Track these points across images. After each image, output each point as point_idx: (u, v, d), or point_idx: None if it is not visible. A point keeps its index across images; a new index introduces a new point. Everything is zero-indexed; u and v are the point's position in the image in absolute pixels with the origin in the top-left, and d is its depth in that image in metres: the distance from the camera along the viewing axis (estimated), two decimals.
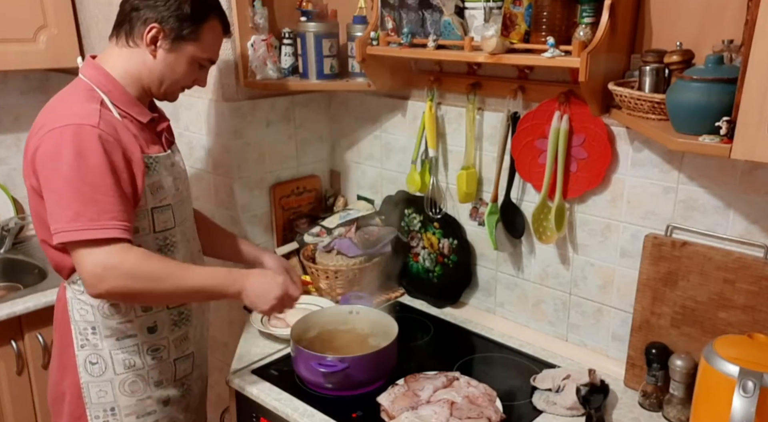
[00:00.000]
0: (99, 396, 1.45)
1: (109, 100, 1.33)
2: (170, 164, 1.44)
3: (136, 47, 1.36)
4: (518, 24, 1.44)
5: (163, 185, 1.40)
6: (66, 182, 1.23)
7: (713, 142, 1.10)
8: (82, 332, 1.43)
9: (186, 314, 1.52)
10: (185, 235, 1.51)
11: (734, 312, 1.35)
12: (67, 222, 1.22)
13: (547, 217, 1.62)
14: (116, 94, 1.35)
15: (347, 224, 1.98)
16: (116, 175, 1.26)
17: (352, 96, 2.05)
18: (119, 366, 1.44)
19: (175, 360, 1.52)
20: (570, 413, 1.42)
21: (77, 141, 1.23)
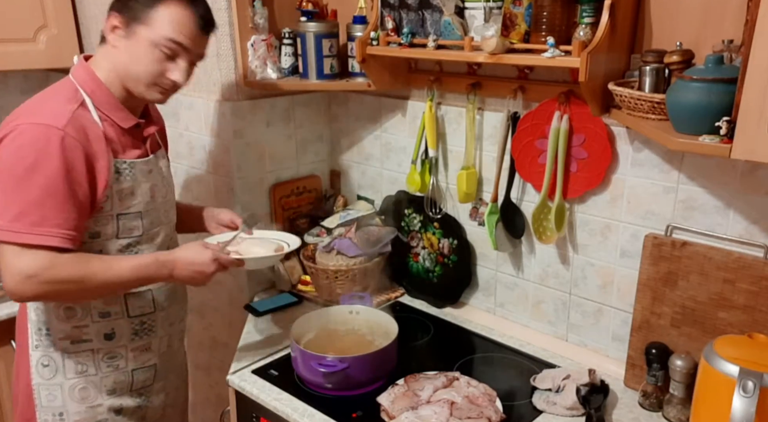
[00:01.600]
0: (49, 400, 1.43)
1: (91, 102, 1.31)
2: (148, 170, 1.41)
3: (109, 43, 1.33)
4: (518, 24, 1.44)
5: (134, 191, 1.37)
6: (17, 181, 1.21)
7: (713, 142, 1.10)
8: (36, 332, 1.41)
9: (149, 324, 1.49)
10: (156, 243, 1.46)
11: (734, 312, 1.35)
12: (8, 221, 1.20)
13: (547, 217, 1.62)
14: (100, 96, 1.33)
15: (347, 224, 1.98)
16: (71, 180, 1.24)
17: (352, 96, 2.05)
18: (70, 370, 1.42)
19: (133, 371, 1.49)
20: (570, 413, 1.42)
21: (38, 142, 1.21)
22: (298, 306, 1.95)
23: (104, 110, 1.33)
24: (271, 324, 1.86)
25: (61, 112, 1.26)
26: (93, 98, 1.32)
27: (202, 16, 1.33)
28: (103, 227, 1.35)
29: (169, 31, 1.28)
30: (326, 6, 1.93)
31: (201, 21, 1.32)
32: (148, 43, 1.28)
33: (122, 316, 1.44)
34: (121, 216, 1.36)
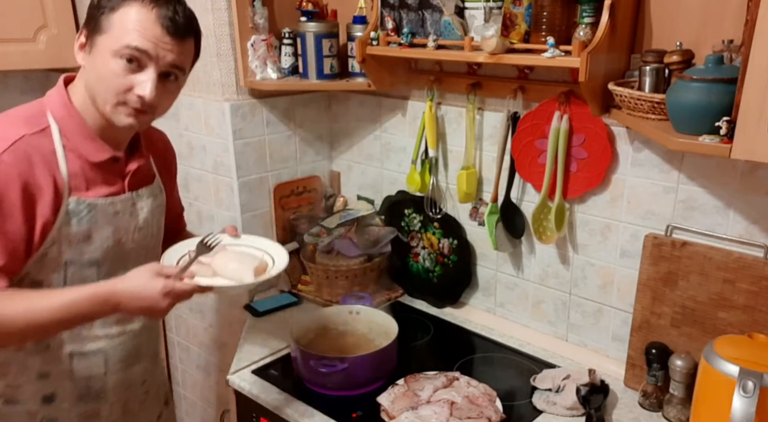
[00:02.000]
0: None
1: (58, 130, 1.15)
2: (114, 211, 1.22)
3: (79, 63, 1.17)
4: (518, 24, 1.44)
5: (91, 236, 1.19)
6: None
7: (713, 142, 1.10)
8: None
9: (97, 390, 1.30)
10: None
11: (734, 312, 1.35)
12: None
13: (547, 217, 1.62)
14: (70, 124, 1.17)
15: (347, 224, 1.98)
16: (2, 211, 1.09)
17: (352, 96, 2.05)
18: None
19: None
20: (570, 413, 1.42)
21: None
22: (298, 306, 1.95)
23: (72, 140, 1.16)
24: (271, 324, 1.86)
25: (8, 135, 1.11)
26: (61, 126, 1.16)
27: (168, 16, 1.11)
28: (48, 275, 1.18)
29: (127, 36, 1.08)
30: (326, 6, 1.93)
31: (167, 22, 1.10)
32: (108, 53, 1.10)
33: (65, 377, 1.25)
34: (71, 264, 1.19)
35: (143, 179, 1.30)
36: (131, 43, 1.08)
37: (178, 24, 1.12)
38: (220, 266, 1.24)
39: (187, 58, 1.17)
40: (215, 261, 1.24)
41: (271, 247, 1.37)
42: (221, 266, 1.24)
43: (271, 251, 1.35)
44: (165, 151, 1.44)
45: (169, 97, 1.18)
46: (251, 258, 1.28)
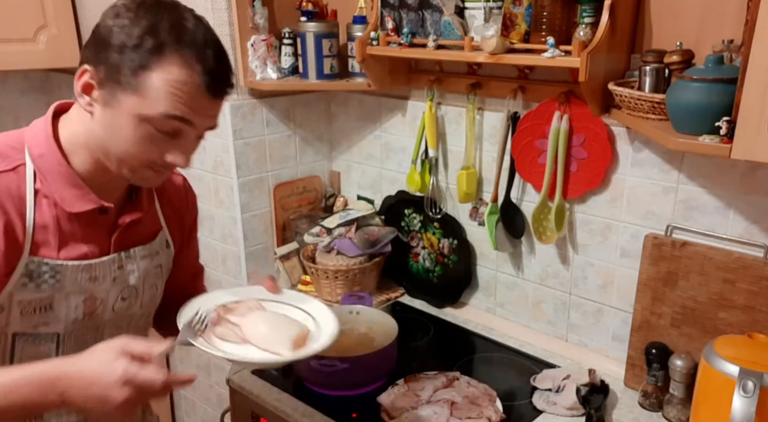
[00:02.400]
0: None
1: (33, 169, 0.94)
2: (90, 276, 1.00)
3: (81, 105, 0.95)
4: (518, 24, 1.44)
5: (52, 305, 0.97)
6: None
7: (713, 142, 1.10)
8: None
9: None
10: None
11: (734, 312, 1.35)
12: None
13: (547, 217, 1.62)
14: (49, 163, 0.95)
15: (347, 224, 1.98)
16: None
17: (352, 96, 2.05)
18: None
19: None
20: (570, 413, 1.42)
21: None
22: None
23: (49, 184, 0.95)
24: None
25: None
26: (38, 165, 0.94)
27: (213, 73, 0.91)
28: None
29: (166, 105, 0.88)
30: (326, 6, 1.93)
31: (211, 82, 0.91)
32: (136, 117, 0.89)
33: None
34: (20, 337, 0.97)
35: (140, 236, 1.08)
36: (172, 113, 0.89)
37: (220, 82, 0.93)
38: (250, 329, 1.01)
39: (219, 116, 0.99)
40: (246, 323, 1.03)
41: (317, 310, 1.12)
42: (252, 329, 1.01)
43: (316, 315, 1.10)
44: (180, 198, 1.19)
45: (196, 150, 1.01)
46: (290, 323, 1.05)
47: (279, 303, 1.12)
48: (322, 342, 1.02)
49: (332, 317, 1.09)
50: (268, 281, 1.14)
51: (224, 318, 1.04)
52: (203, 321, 1.03)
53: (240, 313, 1.05)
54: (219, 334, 1.02)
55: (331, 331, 1.05)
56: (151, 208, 1.10)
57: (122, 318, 1.08)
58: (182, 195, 1.20)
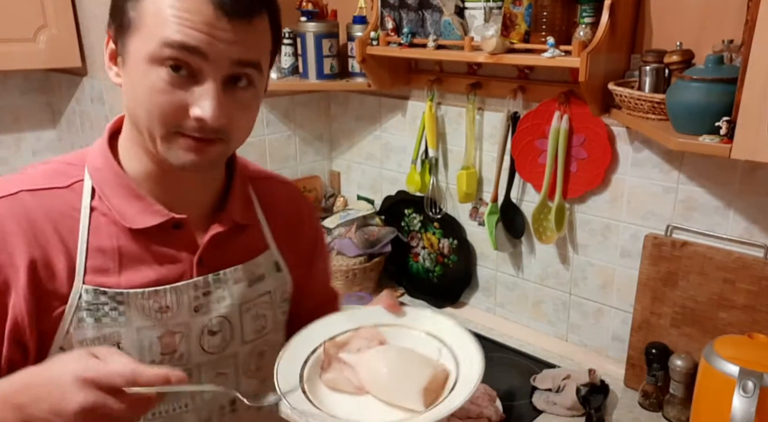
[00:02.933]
0: None
1: (91, 184, 0.82)
2: (159, 307, 0.82)
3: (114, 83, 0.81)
4: (518, 24, 1.44)
5: (120, 344, 0.80)
6: None
7: (713, 142, 1.10)
8: None
9: None
10: None
11: (734, 312, 1.35)
12: None
13: (547, 217, 1.62)
14: (105, 176, 0.82)
15: (347, 224, 1.98)
16: None
17: (352, 96, 2.05)
18: None
19: None
20: (570, 413, 1.42)
21: None
22: None
23: (109, 200, 0.82)
24: None
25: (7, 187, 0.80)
26: (95, 179, 0.82)
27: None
28: None
29: (165, 29, 0.71)
30: (326, 6, 1.93)
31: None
32: (142, 60, 0.73)
33: None
34: None
35: (234, 254, 0.89)
36: (172, 39, 0.71)
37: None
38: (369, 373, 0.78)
39: (261, 48, 0.77)
40: (363, 364, 0.79)
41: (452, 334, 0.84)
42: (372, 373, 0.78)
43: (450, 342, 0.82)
44: (294, 212, 1.00)
45: (246, 112, 0.78)
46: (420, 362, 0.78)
47: (402, 328, 0.87)
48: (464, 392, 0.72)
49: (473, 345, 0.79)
50: (387, 298, 0.91)
51: (334, 356, 0.81)
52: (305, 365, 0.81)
53: (355, 348, 0.82)
54: (328, 382, 0.78)
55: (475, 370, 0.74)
56: (250, 221, 0.92)
57: (222, 360, 0.88)
58: (296, 208, 1.00)
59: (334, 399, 0.77)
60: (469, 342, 0.81)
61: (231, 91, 0.75)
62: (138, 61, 0.74)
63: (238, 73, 0.75)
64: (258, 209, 0.95)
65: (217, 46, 0.72)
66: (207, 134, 0.75)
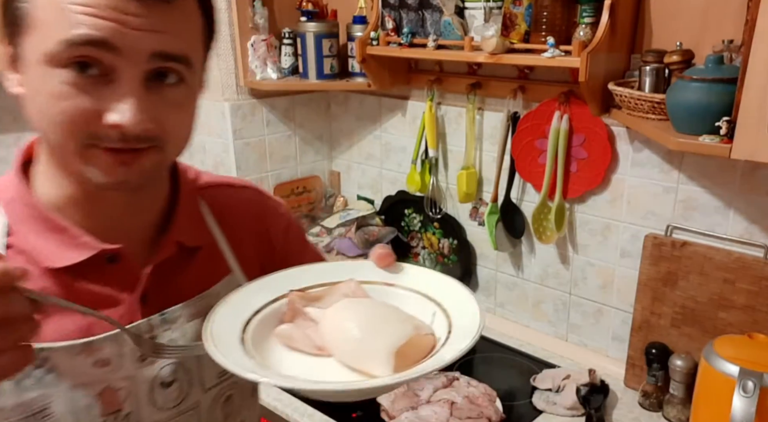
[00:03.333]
0: None
1: (5, 220, 0.68)
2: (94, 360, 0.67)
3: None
4: (518, 24, 1.44)
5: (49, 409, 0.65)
6: None
7: (713, 142, 1.10)
8: None
9: None
10: None
11: (734, 312, 1.35)
12: None
13: (547, 217, 1.62)
14: (18, 208, 0.68)
15: (347, 224, 1.98)
16: None
17: (352, 96, 2.05)
18: None
19: None
20: (570, 413, 1.42)
21: None
22: None
23: (24, 234, 0.68)
24: None
25: None
26: (8, 212, 0.68)
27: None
28: None
29: (65, 22, 0.58)
30: (326, 6, 1.93)
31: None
32: (42, 63, 0.60)
33: None
34: None
35: (186, 286, 0.75)
36: (73, 33, 0.57)
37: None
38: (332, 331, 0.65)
39: (187, 37, 0.64)
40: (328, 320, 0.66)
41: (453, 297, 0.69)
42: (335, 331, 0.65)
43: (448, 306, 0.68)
44: (257, 215, 0.86)
45: (180, 112, 0.66)
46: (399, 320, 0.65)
47: (392, 287, 0.72)
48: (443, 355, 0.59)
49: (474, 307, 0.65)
50: (380, 253, 0.73)
51: (299, 310, 0.68)
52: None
53: (328, 304, 0.69)
54: (282, 336, 0.66)
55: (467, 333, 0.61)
56: (203, 241, 0.77)
57: (181, 415, 0.75)
58: (259, 214, 0.86)
59: (282, 358, 0.63)
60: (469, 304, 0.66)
61: (157, 89, 0.62)
62: (36, 63, 0.60)
63: (162, 68, 0.61)
64: (213, 225, 0.79)
65: (129, 37, 0.58)
66: (131, 143, 0.61)
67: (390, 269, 0.73)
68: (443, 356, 0.59)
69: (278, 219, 0.88)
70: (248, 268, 0.80)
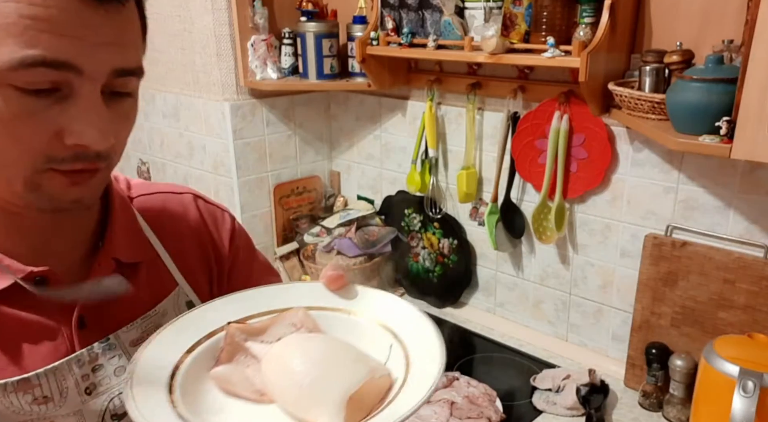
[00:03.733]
0: None
1: None
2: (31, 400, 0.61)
3: None
4: (518, 24, 1.44)
5: None
6: None
7: (713, 142, 1.10)
8: None
9: None
10: None
11: (734, 312, 1.35)
12: None
13: (547, 217, 1.62)
14: None
15: (347, 224, 1.98)
16: None
17: (352, 96, 2.05)
18: None
19: None
20: (570, 413, 1.42)
21: None
22: None
23: None
24: None
25: None
26: None
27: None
28: None
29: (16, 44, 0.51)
30: (326, 6, 1.93)
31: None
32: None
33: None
34: None
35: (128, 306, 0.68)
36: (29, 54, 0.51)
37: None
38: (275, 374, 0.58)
39: (138, 46, 0.60)
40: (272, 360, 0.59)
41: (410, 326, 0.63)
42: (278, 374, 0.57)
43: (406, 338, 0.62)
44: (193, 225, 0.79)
45: (127, 124, 0.61)
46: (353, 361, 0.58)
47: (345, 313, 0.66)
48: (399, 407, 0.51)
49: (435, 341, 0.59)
50: (328, 271, 0.68)
51: (239, 345, 0.61)
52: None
53: (274, 336, 0.62)
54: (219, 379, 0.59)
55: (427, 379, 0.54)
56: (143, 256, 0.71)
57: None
58: (199, 217, 0.80)
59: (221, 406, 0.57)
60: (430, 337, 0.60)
61: (111, 103, 0.57)
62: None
63: (119, 84, 0.57)
64: (153, 237, 0.73)
65: (89, 54, 0.53)
66: (92, 162, 0.57)
67: (343, 293, 0.66)
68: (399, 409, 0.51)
69: (221, 225, 0.82)
70: (195, 280, 0.75)
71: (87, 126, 0.54)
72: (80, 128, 0.54)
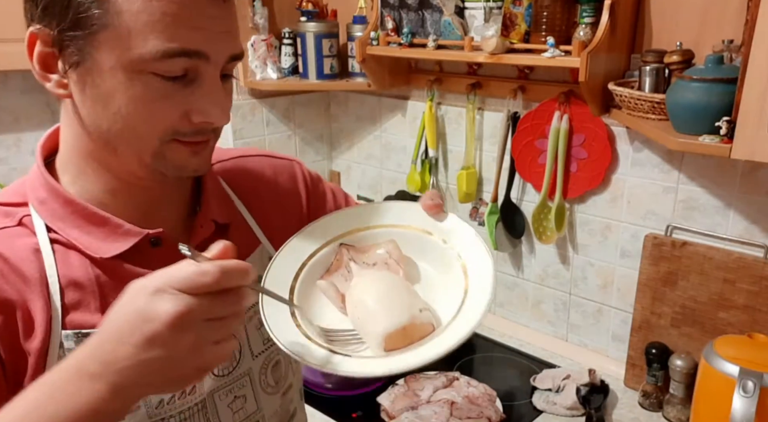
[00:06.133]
0: None
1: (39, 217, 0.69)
2: None
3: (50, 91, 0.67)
4: (518, 24, 1.44)
5: None
6: None
7: (713, 142, 1.10)
8: None
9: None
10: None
11: (734, 312, 1.35)
12: None
13: (547, 217, 1.62)
14: (52, 208, 0.69)
15: None
16: None
17: (352, 96, 2.05)
18: None
19: None
20: (570, 413, 1.42)
21: None
22: None
23: (66, 230, 0.69)
24: None
25: None
26: (42, 213, 0.69)
27: None
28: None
29: (159, 37, 0.60)
30: (326, 6, 1.93)
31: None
32: (125, 73, 0.61)
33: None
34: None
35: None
36: (167, 46, 0.60)
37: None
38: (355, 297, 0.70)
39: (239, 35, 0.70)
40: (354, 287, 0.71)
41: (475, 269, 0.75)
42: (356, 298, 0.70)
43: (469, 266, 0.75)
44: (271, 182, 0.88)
45: (231, 103, 0.70)
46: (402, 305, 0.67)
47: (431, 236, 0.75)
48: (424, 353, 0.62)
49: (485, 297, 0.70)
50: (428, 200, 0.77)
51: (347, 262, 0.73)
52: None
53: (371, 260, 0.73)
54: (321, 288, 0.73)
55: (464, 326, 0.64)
56: (232, 218, 0.80)
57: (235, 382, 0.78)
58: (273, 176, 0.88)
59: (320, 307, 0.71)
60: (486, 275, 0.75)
61: (224, 84, 0.67)
62: (113, 69, 0.61)
63: (229, 69, 0.67)
64: (236, 199, 0.83)
65: (216, 44, 0.63)
66: (205, 135, 0.67)
67: (435, 216, 0.77)
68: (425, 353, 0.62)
69: (294, 178, 0.91)
70: (279, 235, 0.81)
71: (212, 106, 0.65)
72: (206, 108, 0.64)
